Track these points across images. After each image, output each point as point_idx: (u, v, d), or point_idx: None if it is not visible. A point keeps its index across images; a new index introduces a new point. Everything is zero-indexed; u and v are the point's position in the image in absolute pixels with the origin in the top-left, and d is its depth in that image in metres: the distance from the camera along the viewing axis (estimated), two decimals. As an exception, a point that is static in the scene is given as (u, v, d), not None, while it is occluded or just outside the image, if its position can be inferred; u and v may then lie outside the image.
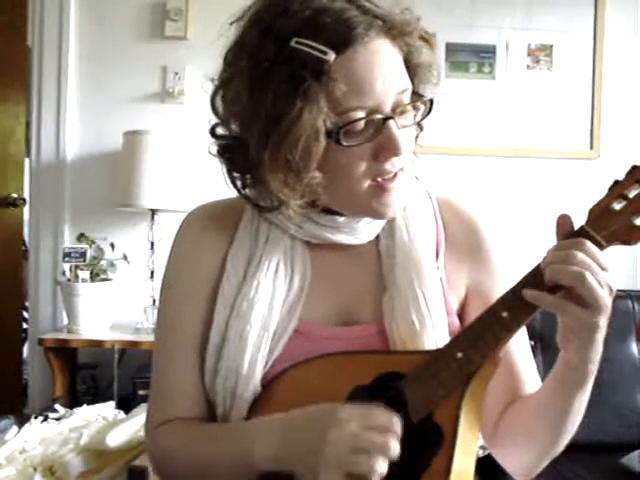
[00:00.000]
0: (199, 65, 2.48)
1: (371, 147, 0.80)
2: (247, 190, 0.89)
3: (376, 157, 0.81)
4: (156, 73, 2.55)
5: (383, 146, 0.80)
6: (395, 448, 0.73)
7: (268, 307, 0.87)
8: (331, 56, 0.76)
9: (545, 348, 2.01)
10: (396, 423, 0.74)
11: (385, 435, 0.73)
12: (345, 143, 0.79)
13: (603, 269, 0.74)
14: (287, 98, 0.76)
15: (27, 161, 2.83)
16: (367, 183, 0.82)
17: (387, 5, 0.83)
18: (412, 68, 0.85)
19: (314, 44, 0.76)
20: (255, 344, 0.86)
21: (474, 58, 2.59)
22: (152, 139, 2.34)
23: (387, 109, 0.80)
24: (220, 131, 0.87)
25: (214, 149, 0.88)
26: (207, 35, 0.81)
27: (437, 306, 0.88)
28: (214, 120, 0.87)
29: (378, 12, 0.80)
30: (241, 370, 0.86)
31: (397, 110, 0.81)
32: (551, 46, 2.61)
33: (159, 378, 0.94)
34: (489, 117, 2.60)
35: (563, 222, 0.78)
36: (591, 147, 2.63)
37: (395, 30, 0.81)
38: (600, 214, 0.76)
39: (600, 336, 0.76)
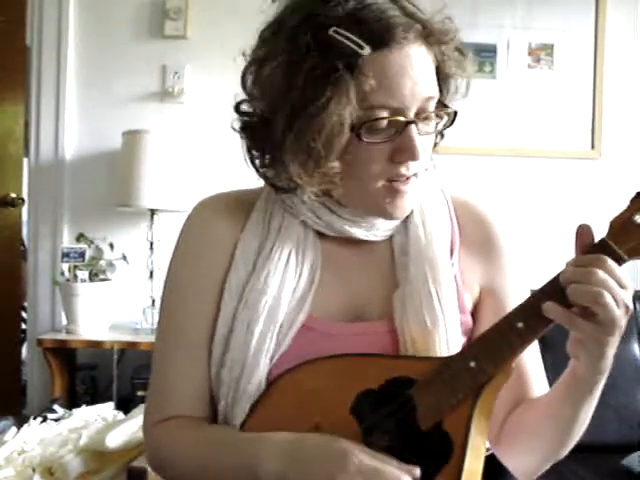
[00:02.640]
0: (199, 64, 2.47)
1: (390, 148, 0.81)
2: (265, 170, 0.88)
3: (393, 158, 0.82)
4: (155, 72, 2.54)
5: (401, 149, 0.81)
6: None
7: (276, 298, 0.87)
8: (366, 51, 0.77)
9: (550, 350, 1.99)
10: None
11: None
12: (365, 139, 0.80)
13: (622, 287, 0.72)
14: (317, 85, 0.77)
15: (26, 161, 2.82)
16: (381, 183, 0.83)
17: (429, 11, 0.83)
18: (442, 77, 0.86)
19: (352, 36, 0.77)
20: (262, 335, 0.85)
21: (475, 57, 2.57)
22: (151, 139, 2.33)
23: (411, 113, 0.81)
24: (245, 108, 0.88)
25: (237, 125, 0.88)
26: (207, 34, 0.82)
27: (450, 304, 0.88)
28: (241, 96, 0.87)
29: (419, 16, 0.81)
30: (247, 361, 0.85)
31: (421, 116, 0.82)
32: (552, 45, 2.60)
33: (159, 374, 0.93)
34: (490, 116, 2.59)
35: (583, 233, 0.76)
36: (592, 147, 2.62)
37: (433, 37, 0.82)
38: (622, 227, 0.74)
39: (611, 351, 0.75)
